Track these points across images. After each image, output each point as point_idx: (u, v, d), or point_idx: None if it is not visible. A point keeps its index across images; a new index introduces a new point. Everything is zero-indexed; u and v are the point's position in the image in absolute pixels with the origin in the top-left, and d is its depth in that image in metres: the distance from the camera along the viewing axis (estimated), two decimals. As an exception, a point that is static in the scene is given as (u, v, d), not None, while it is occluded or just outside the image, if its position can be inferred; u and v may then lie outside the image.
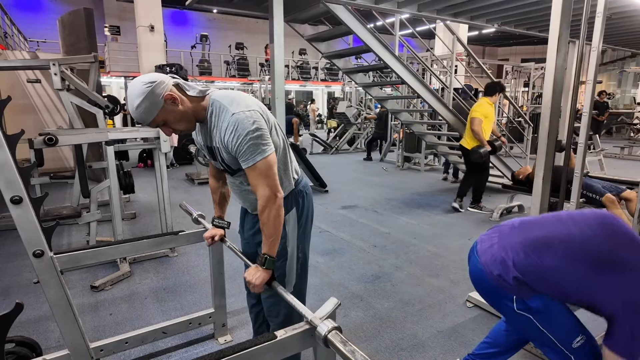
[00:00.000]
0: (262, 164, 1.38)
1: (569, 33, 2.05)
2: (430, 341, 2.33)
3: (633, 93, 18.53)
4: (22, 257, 3.47)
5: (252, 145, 1.36)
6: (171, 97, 1.35)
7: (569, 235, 1.35)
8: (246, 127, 1.35)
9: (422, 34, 7.22)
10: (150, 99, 1.31)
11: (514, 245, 1.42)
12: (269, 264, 1.44)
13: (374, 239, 4.07)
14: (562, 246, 1.33)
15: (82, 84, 4.06)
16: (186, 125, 1.44)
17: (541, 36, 6.24)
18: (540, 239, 1.39)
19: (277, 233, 1.45)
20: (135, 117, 1.35)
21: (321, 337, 1.06)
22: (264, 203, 1.41)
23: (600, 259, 1.28)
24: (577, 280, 1.32)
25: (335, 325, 1.07)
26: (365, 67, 6.63)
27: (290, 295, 1.32)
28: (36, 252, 1.41)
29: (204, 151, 1.62)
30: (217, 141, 1.46)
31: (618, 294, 1.26)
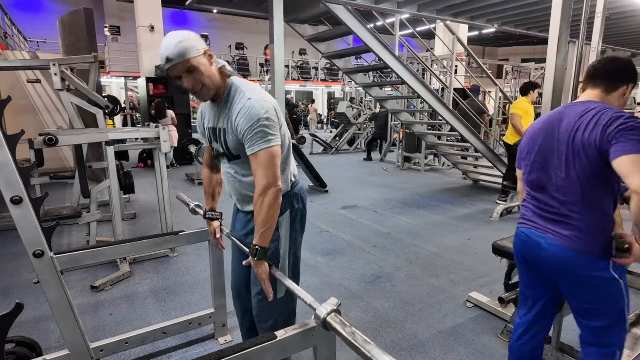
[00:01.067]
0: (266, 153, 1.39)
1: (569, 33, 2.05)
2: (430, 341, 2.33)
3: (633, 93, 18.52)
4: (22, 257, 3.47)
5: (261, 132, 1.38)
6: (208, 51, 1.41)
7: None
8: (259, 113, 1.38)
9: (422, 34, 7.22)
10: (193, 41, 1.35)
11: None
12: (259, 254, 1.42)
13: (374, 239, 4.07)
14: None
15: (82, 84, 4.06)
16: (208, 85, 1.42)
17: (541, 36, 6.24)
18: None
19: (270, 224, 1.43)
20: (170, 51, 1.32)
21: (320, 319, 1.06)
22: (260, 191, 1.40)
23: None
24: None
25: (334, 307, 1.07)
26: (365, 67, 6.63)
27: (288, 281, 1.32)
28: (36, 252, 1.41)
29: (206, 134, 1.63)
30: (225, 122, 1.47)
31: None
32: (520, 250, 1.61)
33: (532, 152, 1.56)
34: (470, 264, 3.45)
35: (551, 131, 1.49)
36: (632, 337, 2.31)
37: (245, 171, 1.56)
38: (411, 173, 8.00)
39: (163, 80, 8.76)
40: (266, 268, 1.43)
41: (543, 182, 1.52)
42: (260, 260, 1.42)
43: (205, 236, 2.17)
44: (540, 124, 1.56)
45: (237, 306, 1.89)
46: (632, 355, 2.14)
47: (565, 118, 1.45)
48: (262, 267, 1.43)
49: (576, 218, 1.42)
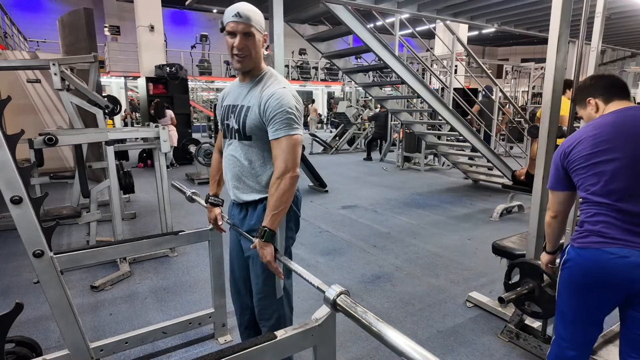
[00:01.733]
0: (290, 140, 1.45)
1: (569, 33, 2.05)
2: (430, 341, 2.33)
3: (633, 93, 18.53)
4: (22, 257, 3.47)
5: (289, 119, 1.45)
6: (266, 38, 1.54)
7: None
8: (291, 102, 1.46)
9: (422, 34, 7.22)
10: (261, 20, 1.49)
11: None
12: (267, 236, 1.43)
13: (374, 239, 4.07)
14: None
15: (82, 84, 4.06)
16: (252, 56, 1.50)
17: (541, 36, 6.23)
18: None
19: (282, 208, 1.46)
20: (244, 10, 1.43)
21: (330, 301, 1.07)
22: (278, 175, 1.45)
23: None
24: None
25: (343, 289, 1.09)
26: (365, 67, 6.63)
27: (295, 265, 1.34)
28: (36, 252, 1.41)
29: (221, 112, 1.66)
30: (252, 101, 1.52)
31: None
32: (603, 274, 1.36)
33: (613, 157, 1.37)
34: (470, 264, 3.45)
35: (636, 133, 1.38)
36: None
37: (250, 156, 1.57)
38: (411, 173, 8.00)
39: (163, 80, 8.76)
40: (272, 250, 1.45)
41: (633, 191, 1.34)
42: (267, 242, 1.44)
43: (205, 236, 2.17)
44: (612, 126, 1.42)
45: (236, 304, 1.89)
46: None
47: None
48: (268, 249, 1.44)
49: None
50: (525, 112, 10.46)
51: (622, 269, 1.32)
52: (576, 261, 1.42)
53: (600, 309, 1.44)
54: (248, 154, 1.57)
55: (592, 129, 1.44)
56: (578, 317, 1.49)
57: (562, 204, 1.55)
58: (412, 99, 8.17)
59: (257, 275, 1.65)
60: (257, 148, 1.56)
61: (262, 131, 1.51)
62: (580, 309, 1.47)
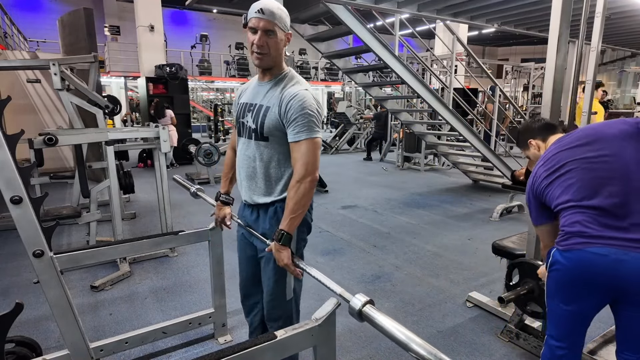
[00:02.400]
0: (310, 143, 1.45)
1: (569, 33, 2.05)
2: (430, 341, 2.31)
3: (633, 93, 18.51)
4: (22, 257, 3.47)
5: (310, 122, 1.44)
6: (289, 38, 1.52)
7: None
8: (312, 105, 1.45)
9: (422, 34, 7.22)
10: (286, 19, 1.47)
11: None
12: (285, 240, 1.42)
13: (374, 239, 4.07)
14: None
15: (82, 84, 4.06)
16: (271, 54, 1.48)
17: (541, 36, 6.23)
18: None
19: (301, 212, 1.46)
20: (269, 7, 1.42)
21: (355, 311, 1.08)
22: (298, 178, 1.44)
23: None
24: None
25: (368, 299, 1.09)
26: (365, 67, 6.63)
27: (315, 270, 1.32)
28: (36, 252, 1.41)
29: (238, 109, 1.63)
30: (272, 101, 1.50)
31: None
32: (588, 273, 1.40)
33: (568, 168, 1.49)
34: (470, 264, 3.45)
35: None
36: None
37: (266, 157, 1.54)
38: (411, 173, 8.00)
39: (163, 80, 8.77)
40: (289, 254, 1.43)
41: (596, 188, 1.43)
42: (285, 246, 1.43)
43: (205, 236, 2.17)
44: (557, 148, 1.56)
45: (245, 305, 1.87)
46: (632, 355, 2.13)
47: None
48: (285, 252, 1.43)
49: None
50: (525, 113, 10.46)
51: (605, 268, 1.36)
52: (562, 263, 1.45)
53: (587, 309, 1.48)
54: (263, 154, 1.54)
55: (542, 159, 1.60)
56: (566, 317, 1.52)
57: (550, 234, 1.60)
58: (412, 99, 8.18)
59: (269, 277, 1.63)
60: (273, 149, 1.53)
61: (280, 132, 1.49)
62: (568, 309, 1.50)
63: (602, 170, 1.43)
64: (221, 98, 17.97)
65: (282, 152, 1.53)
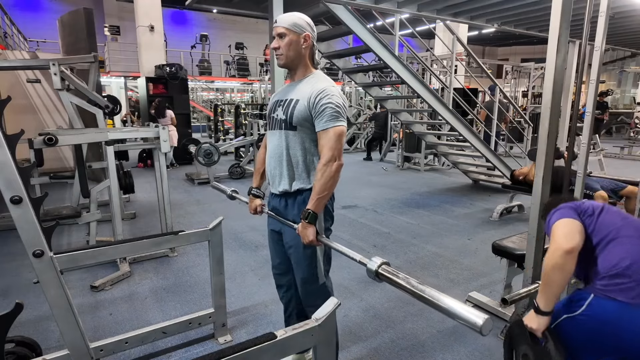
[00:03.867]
0: (336, 130, 1.60)
1: (569, 33, 2.05)
2: (430, 341, 2.33)
3: (633, 93, 18.51)
4: (22, 257, 3.47)
5: (335, 113, 1.60)
6: (307, 39, 1.67)
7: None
8: (337, 98, 1.62)
9: (422, 34, 7.22)
10: (300, 22, 1.65)
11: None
12: (311, 218, 1.56)
13: (374, 239, 4.07)
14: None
15: (82, 84, 4.06)
16: (285, 54, 1.67)
17: (541, 36, 6.23)
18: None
19: (326, 193, 1.60)
20: (282, 17, 1.66)
21: (373, 272, 1.19)
22: (325, 162, 1.58)
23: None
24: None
25: (383, 260, 1.21)
26: (365, 67, 6.63)
27: (335, 243, 1.48)
28: (36, 252, 1.41)
29: (272, 107, 1.79)
30: (300, 95, 1.66)
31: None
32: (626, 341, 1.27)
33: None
34: (470, 264, 3.45)
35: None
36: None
37: (293, 145, 1.69)
38: (411, 173, 8.00)
39: (163, 80, 8.77)
40: (314, 230, 1.57)
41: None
42: (311, 224, 1.57)
43: (205, 236, 2.17)
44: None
45: (279, 291, 2.03)
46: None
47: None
48: (311, 229, 1.57)
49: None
50: (526, 112, 10.46)
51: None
52: (598, 325, 1.31)
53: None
54: (290, 143, 1.70)
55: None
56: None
57: (581, 234, 1.39)
58: (412, 99, 8.17)
59: (299, 264, 1.78)
60: (300, 138, 1.68)
61: (308, 122, 1.65)
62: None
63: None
64: (221, 98, 17.97)
65: (308, 141, 1.69)
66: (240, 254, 3.62)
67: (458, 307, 1.01)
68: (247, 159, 7.79)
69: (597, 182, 3.84)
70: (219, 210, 5.19)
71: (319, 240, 1.58)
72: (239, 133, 9.45)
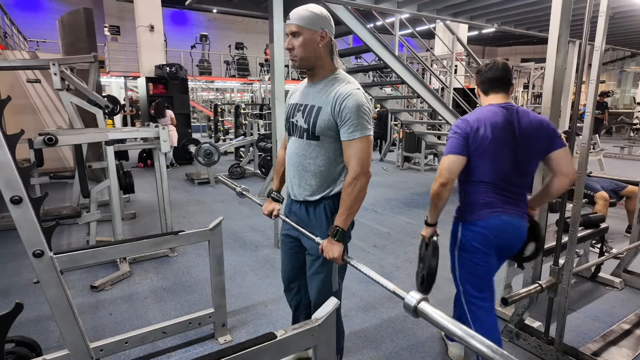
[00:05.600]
0: (364, 141, 1.48)
1: (569, 33, 2.05)
2: (430, 341, 2.33)
3: (633, 93, 18.52)
4: (22, 257, 3.47)
5: (363, 120, 1.47)
6: (325, 35, 1.51)
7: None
8: (364, 103, 1.48)
9: (422, 33, 7.22)
10: (315, 18, 1.48)
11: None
12: (339, 236, 1.49)
13: (374, 239, 4.07)
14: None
15: (82, 84, 4.06)
16: (299, 54, 1.51)
17: (541, 36, 6.23)
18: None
19: (355, 209, 1.52)
20: (294, 12, 1.49)
21: (411, 307, 1.11)
22: (354, 175, 1.48)
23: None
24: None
25: (423, 296, 1.10)
26: (365, 67, 6.63)
27: (365, 267, 1.35)
28: (36, 252, 1.41)
29: (291, 110, 1.66)
30: (322, 101, 1.53)
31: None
32: (502, 238, 1.79)
33: (497, 145, 1.71)
34: (470, 264, 3.45)
35: (508, 128, 1.72)
36: (633, 337, 2.31)
37: (316, 155, 1.58)
38: (411, 173, 7.99)
39: (163, 80, 8.77)
40: (341, 248, 1.50)
41: (508, 172, 1.75)
42: (339, 241, 1.50)
43: (205, 236, 2.17)
44: (491, 122, 1.72)
45: (287, 294, 1.96)
46: (632, 355, 2.14)
47: (516, 117, 1.75)
48: (338, 247, 1.50)
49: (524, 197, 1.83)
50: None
51: (509, 230, 1.77)
52: (486, 229, 1.79)
53: (493, 270, 1.87)
54: (314, 153, 1.58)
55: (486, 121, 1.73)
56: (486, 272, 1.86)
57: (457, 171, 1.75)
58: (412, 99, 8.17)
59: (317, 272, 1.70)
60: (324, 148, 1.56)
61: (332, 131, 1.52)
62: (488, 266, 1.84)
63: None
64: (221, 98, 17.97)
65: (333, 151, 1.57)
66: (240, 254, 3.62)
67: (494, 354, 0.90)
68: (247, 159, 7.79)
69: (597, 182, 3.84)
70: (219, 210, 5.19)
71: (343, 260, 1.50)
72: (239, 133, 9.45)
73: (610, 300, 2.80)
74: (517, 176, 1.76)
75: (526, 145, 1.73)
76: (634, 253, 2.97)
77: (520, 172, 1.76)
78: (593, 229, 2.81)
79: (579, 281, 3.06)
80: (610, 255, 2.76)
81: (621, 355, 2.13)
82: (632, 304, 2.73)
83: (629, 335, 2.32)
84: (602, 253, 2.98)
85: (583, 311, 2.66)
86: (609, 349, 2.18)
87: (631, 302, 2.77)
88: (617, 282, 2.95)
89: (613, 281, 2.97)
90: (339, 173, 1.60)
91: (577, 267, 2.48)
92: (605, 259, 2.73)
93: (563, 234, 2.04)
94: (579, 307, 2.71)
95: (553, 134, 1.75)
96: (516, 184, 1.77)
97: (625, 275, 3.00)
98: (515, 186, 1.77)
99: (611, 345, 2.21)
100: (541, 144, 1.74)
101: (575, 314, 2.61)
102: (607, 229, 2.92)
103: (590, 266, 2.78)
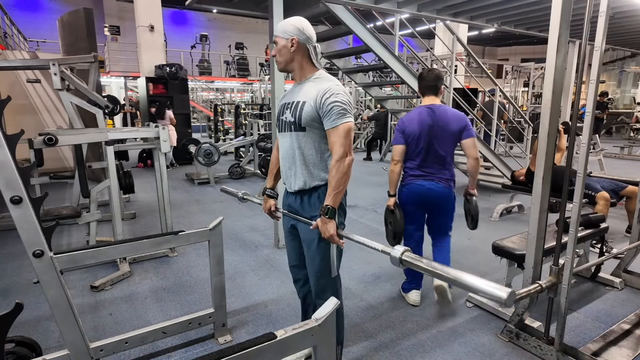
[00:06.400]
0: (344, 127, 1.65)
1: (569, 33, 2.05)
2: (430, 341, 2.33)
3: (633, 93, 18.52)
4: (22, 257, 3.47)
5: (342, 110, 1.65)
6: (295, 42, 1.73)
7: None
8: (342, 96, 1.67)
9: (422, 34, 7.22)
10: (289, 27, 1.73)
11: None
12: (330, 213, 1.63)
13: (374, 239, 4.05)
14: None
15: (82, 84, 4.06)
16: (278, 59, 1.78)
17: (541, 36, 6.23)
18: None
19: (342, 188, 1.68)
20: (278, 24, 1.78)
21: (397, 259, 1.32)
22: (338, 158, 1.64)
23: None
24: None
25: (405, 248, 1.33)
26: (365, 67, 6.63)
27: (357, 236, 1.56)
28: (36, 252, 1.41)
29: (281, 109, 1.84)
30: (306, 97, 1.71)
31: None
32: (418, 196, 2.57)
33: (420, 137, 2.50)
34: (470, 264, 3.45)
35: (428, 124, 2.48)
36: (633, 337, 2.31)
37: (304, 146, 1.74)
38: (411, 173, 7.98)
39: (163, 80, 8.77)
40: (334, 225, 1.64)
41: (427, 154, 2.54)
42: (331, 218, 1.63)
43: (206, 236, 2.17)
44: (417, 120, 2.51)
45: (296, 285, 2.09)
46: (632, 355, 2.14)
47: (436, 115, 2.49)
48: (331, 224, 1.63)
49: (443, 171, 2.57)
50: (526, 113, 10.46)
51: (423, 191, 2.56)
52: (408, 190, 2.60)
53: (419, 220, 2.71)
54: (301, 143, 1.74)
55: (414, 118, 2.55)
56: (412, 223, 2.67)
57: (403, 154, 2.55)
58: (412, 99, 8.17)
59: (313, 258, 1.83)
60: (310, 138, 1.73)
61: (316, 122, 1.69)
62: (412, 222, 2.68)
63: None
64: (221, 98, 17.97)
65: (318, 141, 1.73)
66: (240, 254, 3.62)
67: (481, 284, 1.14)
68: (247, 159, 7.79)
69: (598, 183, 3.84)
70: (219, 210, 5.19)
71: (338, 235, 1.63)
72: (239, 133, 9.45)
73: (610, 300, 2.80)
74: (434, 157, 2.50)
75: (440, 136, 2.46)
76: (634, 253, 2.97)
77: (437, 155, 2.50)
78: (593, 229, 2.81)
79: (579, 281, 3.06)
80: (610, 256, 2.76)
81: (621, 355, 2.13)
82: (632, 304, 2.74)
83: (629, 335, 2.32)
84: (602, 253, 2.98)
85: (583, 311, 2.66)
86: (609, 349, 2.18)
87: (631, 302, 2.77)
88: (617, 282, 2.95)
89: (613, 281, 2.97)
90: (327, 161, 1.76)
91: (577, 267, 2.47)
92: (605, 259, 2.73)
93: (563, 234, 2.04)
94: (579, 307, 2.71)
95: (464, 127, 2.48)
96: (433, 162, 2.51)
97: (625, 276, 3.00)
98: (433, 163, 2.51)
99: (611, 345, 2.21)
100: (454, 134, 2.48)
101: (575, 314, 2.61)
102: (607, 229, 2.92)
103: (590, 266, 2.78)
